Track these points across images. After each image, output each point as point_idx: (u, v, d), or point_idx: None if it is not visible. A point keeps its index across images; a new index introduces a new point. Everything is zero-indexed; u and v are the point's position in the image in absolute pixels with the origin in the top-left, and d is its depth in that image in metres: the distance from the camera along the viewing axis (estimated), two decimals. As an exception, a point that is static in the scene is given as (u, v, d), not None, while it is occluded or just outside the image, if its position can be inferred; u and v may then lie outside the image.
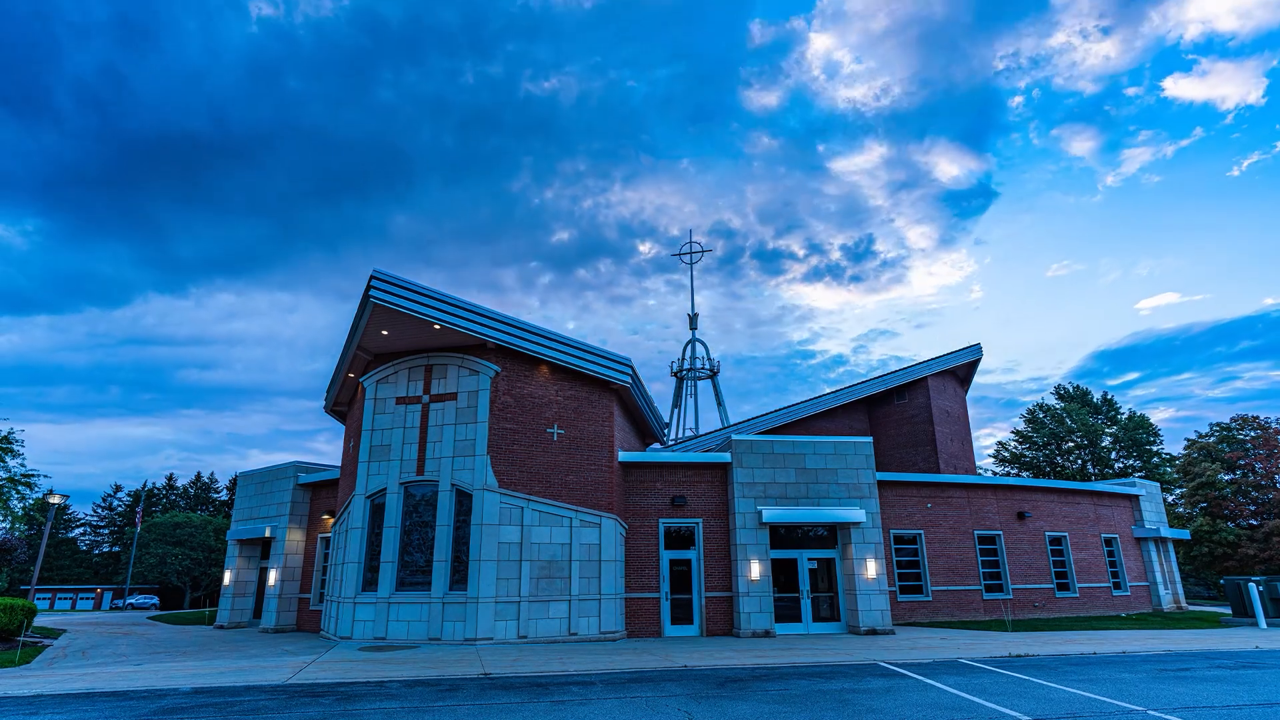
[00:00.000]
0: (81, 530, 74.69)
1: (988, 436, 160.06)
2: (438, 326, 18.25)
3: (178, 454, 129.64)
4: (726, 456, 20.27)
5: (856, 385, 36.24)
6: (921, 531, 23.34)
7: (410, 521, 18.60)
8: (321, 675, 12.15)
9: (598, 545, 18.46)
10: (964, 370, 39.63)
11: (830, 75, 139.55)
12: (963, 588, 23.30)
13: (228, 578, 26.69)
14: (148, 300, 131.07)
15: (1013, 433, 61.99)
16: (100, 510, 75.25)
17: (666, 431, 32.21)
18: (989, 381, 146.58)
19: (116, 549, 71.35)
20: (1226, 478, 47.73)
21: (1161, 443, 56.38)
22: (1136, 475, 53.61)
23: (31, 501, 31.06)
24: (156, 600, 57.28)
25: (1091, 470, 56.75)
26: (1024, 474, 59.06)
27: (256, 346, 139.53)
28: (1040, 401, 63.13)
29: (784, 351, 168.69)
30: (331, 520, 22.97)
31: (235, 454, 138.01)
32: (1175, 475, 52.30)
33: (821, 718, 8.68)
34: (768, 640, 17.68)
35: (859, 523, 19.57)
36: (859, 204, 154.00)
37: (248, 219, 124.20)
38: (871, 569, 19.41)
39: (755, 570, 18.97)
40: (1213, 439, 50.85)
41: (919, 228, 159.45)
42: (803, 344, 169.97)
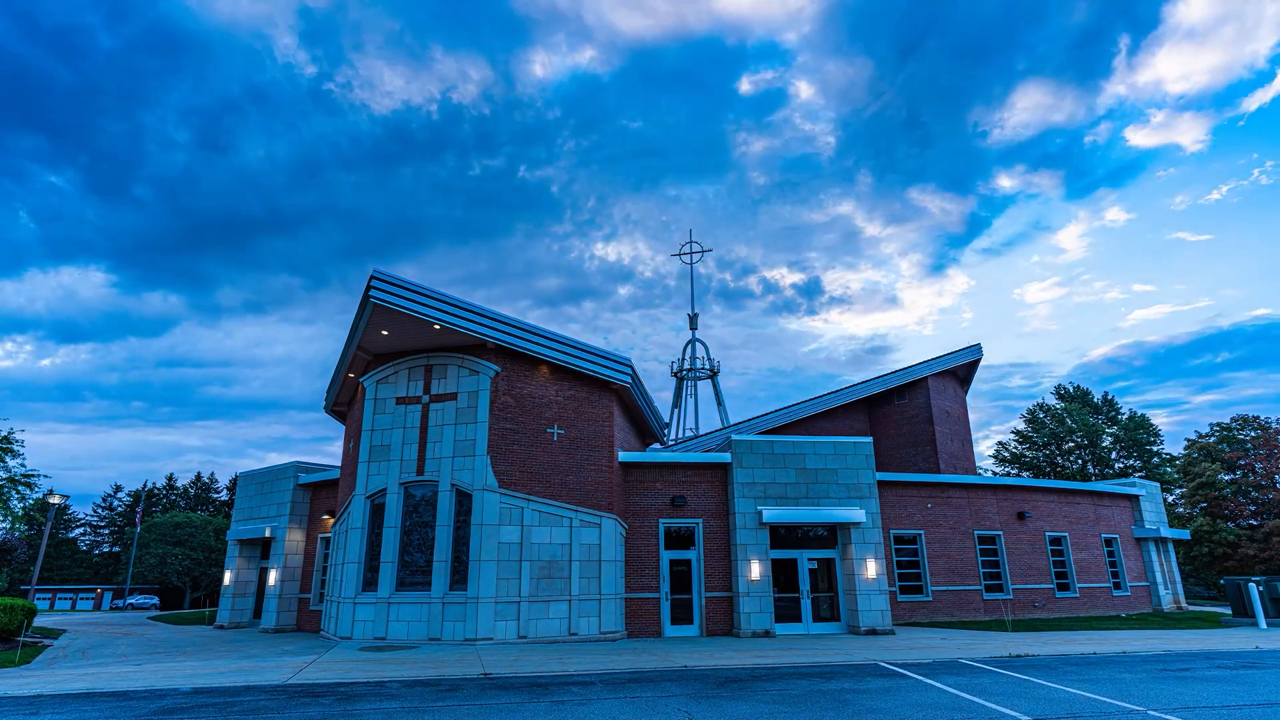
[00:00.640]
0: (81, 530, 74.68)
1: (988, 437, 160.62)
2: (438, 326, 18.25)
3: (199, 458, 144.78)
4: (726, 456, 20.27)
5: (856, 385, 36.22)
6: (921, 531, 23.34)
7: (410, 521, 18.60)
8: (321, 675, 12.15)
9: (598, 545, 18.46)
10: (964, 370, 39.64)
11: (811, 125, 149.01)
12: (963, 588, 23.30)
13: (228, 578, 26.69)
14: (184, 330, 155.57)
15: (1013, 433, 62.04)
16: (100, 510, 75.25)
17: (666, 431, 32.20)
18: (989, 381, 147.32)
19: (116, 549, 71.35)
20: (1226, 478, 47.73)
21: (1162, 443, 56.39)
22: (1136, 475, 53.61)
23: (31, 501, 31.07)
24: (156, 600, 57.30)
25: (1092, 470, 56.75)
26: (1024, 474, 59.06)
27: (276, 367, 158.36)
28: (1040, 401, 63.23)
29: (783, 365, 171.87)
30: (331, 520, 22.97)
31: (254, 458, 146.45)
32: (1175, 475, 52.30)
33: (821, 718, 8.68)
34: (768, 640, 17.68)
35: (859, 523, 19.57)
36: (850, 234, 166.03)
37: (283, 274, 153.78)
38: (871, 569, 19.41)
39: (755, 570, 18.97)
40: (1213, 439, 50.86)
41: (908, 257, 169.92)
42: (800, 358, 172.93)
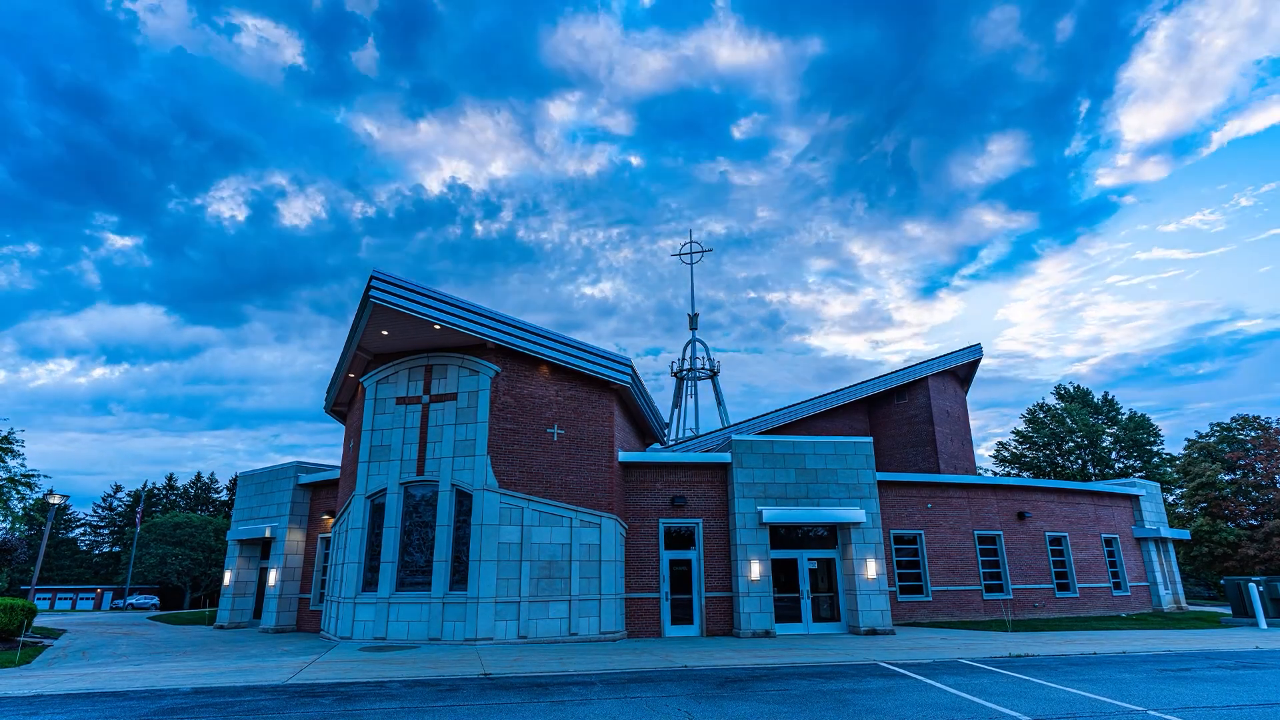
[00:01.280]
0: (82, 530, 74.69)
1: (988, 437, 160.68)
2: (438, 327, 18.25)
3: (212, 462, 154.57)
4: (726, 456, 20.26)
5: (856, 385, 36.20)
6: (922, 531, 23.34)
7: (410, 522, 18.60)
8: (322, 675, 12.15)
9: (598, 545, 18.46)
10: (964, 370, 39.64)
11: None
12: (963, 588, 23.30)
13: (228, 578, 26.69)
14: (212, 354, 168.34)
15: (1013, 433, 61.98)
16: (100, 510, 75.25)
17: (666, 431, 32.20)
18: (989, 381, 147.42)
19: (117, 549, 71.33)
20: (1227, 478, 47.71)
21: (1162, 443, 56.34)
22: (1137, 475, 53.60)
23: (31, 501, 31.07)
24: (156, 600, 57.29)
25: (1092, 470, 56.73)
26: (1024, 474, 59.02)
27: (292, 384, 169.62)
28: (1041, 401, 63.21)
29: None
30: (332, 520, 22.97)
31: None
32: (1175, 475, 52.27)
33: (822, 718, 8.68)
34: (768, 640, 17.68)
35: (859, 523, 19.57)
36: (847, 261, 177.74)
37: (310, 316, 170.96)
38: (871, 569, 19.41)
39: (755, 570, 18.97)
40: (1213, 439, 50.84)
41: (902, 282, 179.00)
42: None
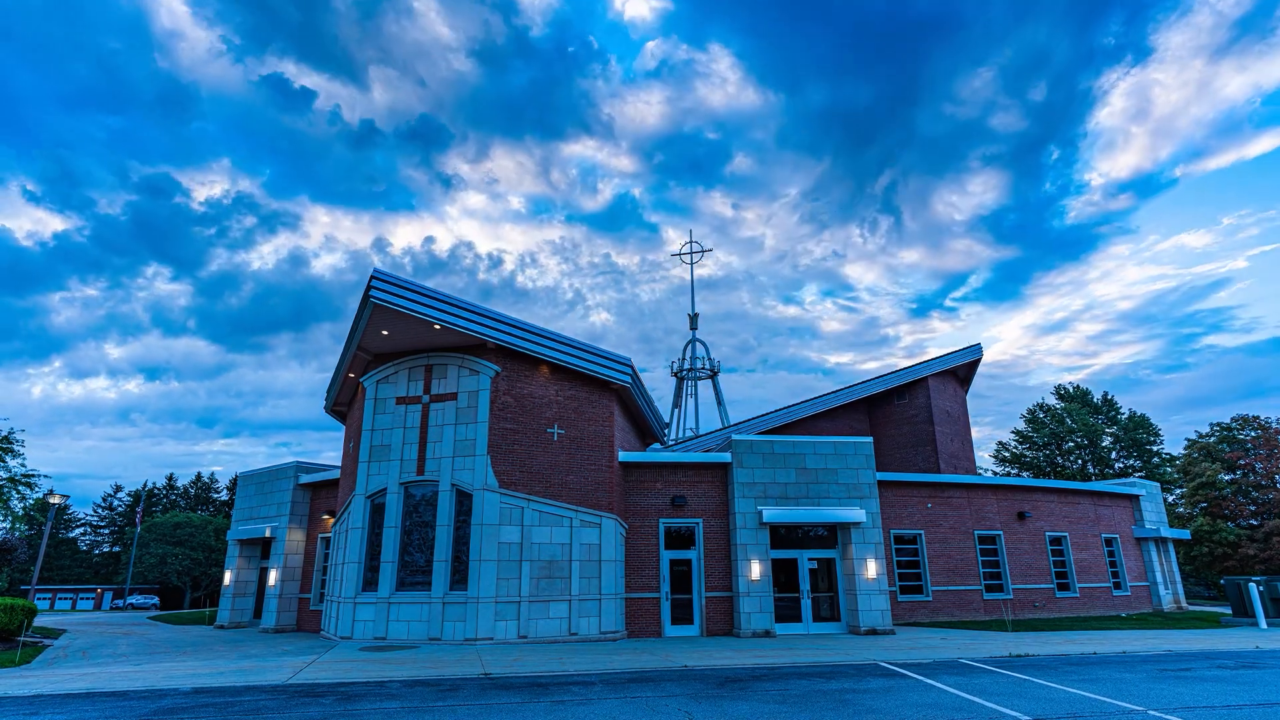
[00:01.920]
0: (82, 530, 74.70)
1: (988, 437, 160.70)
2: (438, 326, 18.25)
3: (231, 461, 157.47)
4: (726, 456, 20.26)
5: (856, 385, 36.22)
6: (922, 531, 23.34)
7: (410, 521, 18.60)
8: (322, 675, 12.15)
9: (598, 545, 18.46)
10: (964, 370, 39.64)
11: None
12: (963, 588, 23.30)
13: (228, 578, 26.70)
14: (237, 373, 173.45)
15: (1013, 433, 62.01)
16: (100, 510, 75.26)
17: (667, 431, 32.21)
18: (990, 381, 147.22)
19: (117, 549, 71.34)
20: (1227, 478, 47.71)
21: (1162, 443, 56.38)
22: (1136, 475, 53.62)
23: (31, 501, 31.09)
24: (156, 600, 57.31)
25: (1092, 470, 56.74)
26: (1024, 474, 59.04)
27: (307, 397, 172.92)
28: (1040, 401, 63.22)
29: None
30: (332, 520, 22.97)
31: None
32: (1175, 475, 52.29)
33: (822, 718, 8.68)
34: (768, 640, 17.68)
35: (859, 523, 19.57)
36: (842, 284, 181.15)
37: (329, 344, 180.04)
38: (872, 569, 19.41)
39: (755, 570, 18.97)
40: (1213, 439, 50.83)
41: (897, 308, 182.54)
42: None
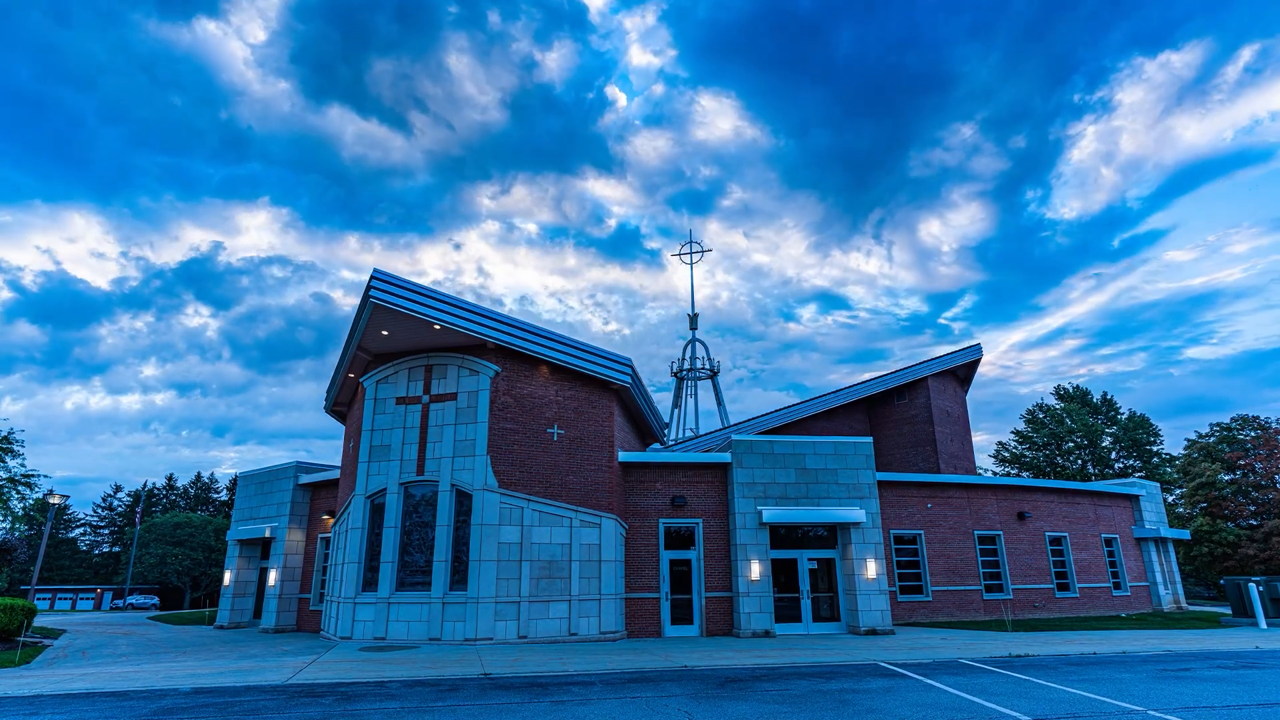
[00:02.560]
0: (81, 530, 74.69)
1: (988, 437, 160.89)
2: (438, 326, 18.25)
3: (238, 463, 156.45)
4: (726, 457, 20.26)
5: (856, 385, 36.23)
6: (921, 531, 23.34)
7: (410, 521, 18.60)
8: (321, 675, 12.15)
9: (598, 545, 18.46)
10: (964, 370, 39.64)
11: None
12: (963, 588, 23.30)
13: (228, 578, 26.69)
14: (256, 390, 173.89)
15: (1013, 433, 62.05)
16: (100, 510, 75.25)
17: (666, 431, 32.21)
18: (989, 381, 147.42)
19: (116, 549, 71.35)
20: (1226, 478, 47.71)
21: (1161, 443, 56.42)
22: (1136, 475, 53.62)
23: (31, 501, 31.09)
24: (156, 600, 57.30)
25: (1091, 470, 56.75)
26: (1024, 474, 59.06)
27: (315, 410, 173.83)
28: (1040, 402, 63.23)
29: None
30: (331, 520, 22.97)
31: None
32: (1175, 475, 52.29)
33: (821, 718, 8.68)
34: (768, 640, 17.69)
35: (859, 523, 19.57)
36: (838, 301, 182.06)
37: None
38: (871, 569, 19.41)
39: (755, 570, 18.97)
40: (1213, 439, 50.85)
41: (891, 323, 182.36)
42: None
